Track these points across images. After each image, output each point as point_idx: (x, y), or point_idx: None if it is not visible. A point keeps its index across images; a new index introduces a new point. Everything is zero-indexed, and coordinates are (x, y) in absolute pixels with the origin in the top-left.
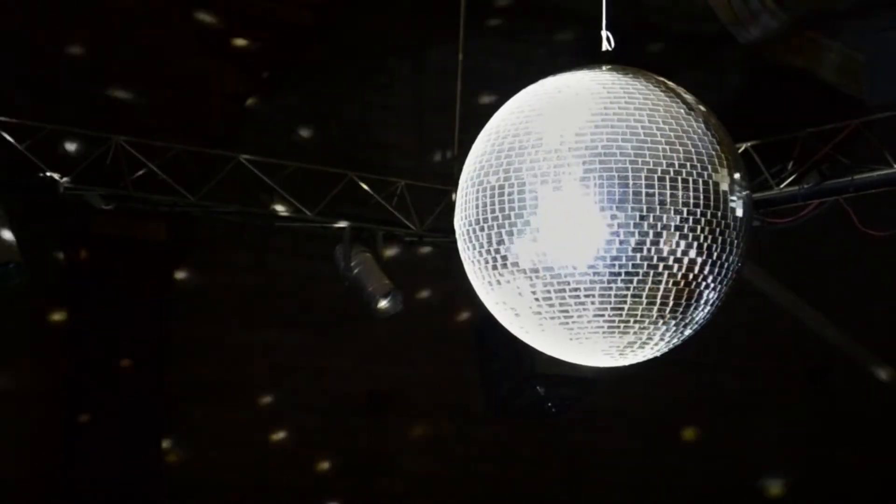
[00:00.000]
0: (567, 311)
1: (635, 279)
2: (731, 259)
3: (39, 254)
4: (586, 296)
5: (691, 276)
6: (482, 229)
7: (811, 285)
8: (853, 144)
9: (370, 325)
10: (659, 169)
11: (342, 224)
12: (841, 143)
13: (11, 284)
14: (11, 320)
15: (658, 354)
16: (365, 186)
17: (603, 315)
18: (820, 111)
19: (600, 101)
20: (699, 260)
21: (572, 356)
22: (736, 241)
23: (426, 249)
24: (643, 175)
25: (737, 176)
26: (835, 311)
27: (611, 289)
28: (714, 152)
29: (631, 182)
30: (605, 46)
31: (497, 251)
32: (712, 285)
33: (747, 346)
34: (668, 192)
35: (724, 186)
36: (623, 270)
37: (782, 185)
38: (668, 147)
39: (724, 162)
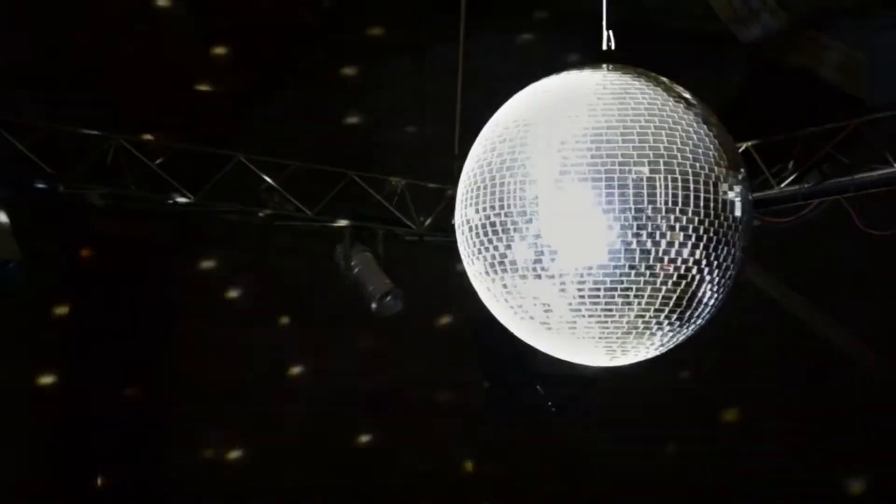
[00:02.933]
0: (610, 310)
1: (684, 282)
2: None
3: (39, 253)
4: (636, 295)
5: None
6: (528, 221)
7: (811, 285)
8: (853, 144)
9: (370, 325)
10: (703, 173)
11: (342, 223)
12: (841, 143)
13: (12, 284)
14: (12, 320)
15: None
16: (365, 186)
17: (644, 316)
18: (820, 111)
19: (651, 101)
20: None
21: (586, 357)
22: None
23: (426, 249)
24: (702, 178)
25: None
26: (835, 311)
27: (660, 290)
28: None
29: (692, 185)
30: (605, 45)
31: (545, 246)
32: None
33: (747, 346)
34: (717, 196)
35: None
36: (676, 273)
37: (783, 185)
38: (715, 153)
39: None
